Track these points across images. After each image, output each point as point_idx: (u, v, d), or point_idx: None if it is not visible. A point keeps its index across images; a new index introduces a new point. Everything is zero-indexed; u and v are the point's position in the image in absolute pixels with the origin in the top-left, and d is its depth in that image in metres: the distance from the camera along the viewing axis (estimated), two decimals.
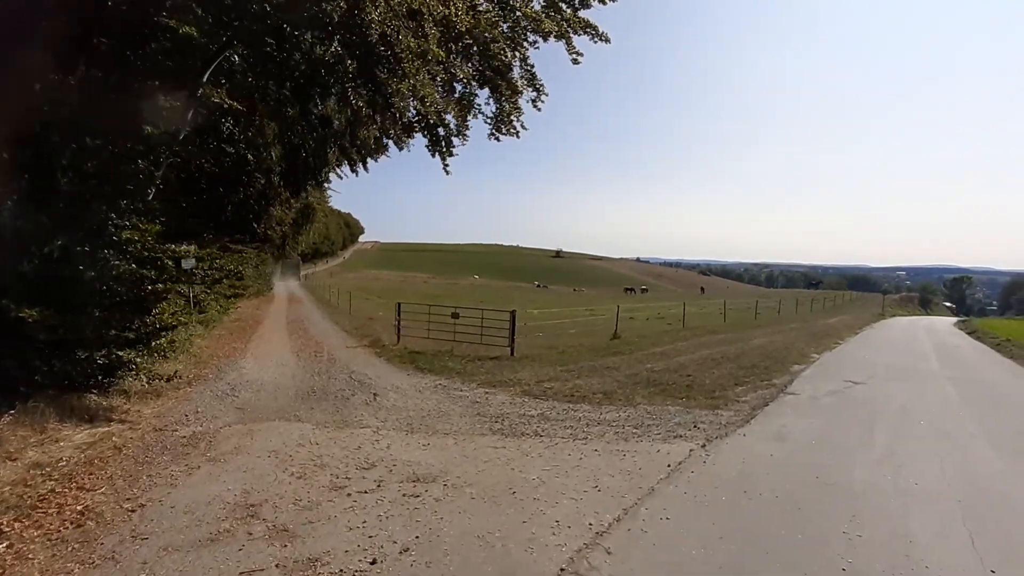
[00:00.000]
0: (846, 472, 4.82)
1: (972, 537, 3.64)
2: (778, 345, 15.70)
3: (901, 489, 4.48)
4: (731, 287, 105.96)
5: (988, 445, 6.07)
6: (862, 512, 3.94)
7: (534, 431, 5.83)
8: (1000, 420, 7.54)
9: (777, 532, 3.48)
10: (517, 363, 10.99)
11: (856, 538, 3.50)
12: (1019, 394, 9.99)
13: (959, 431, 6.65)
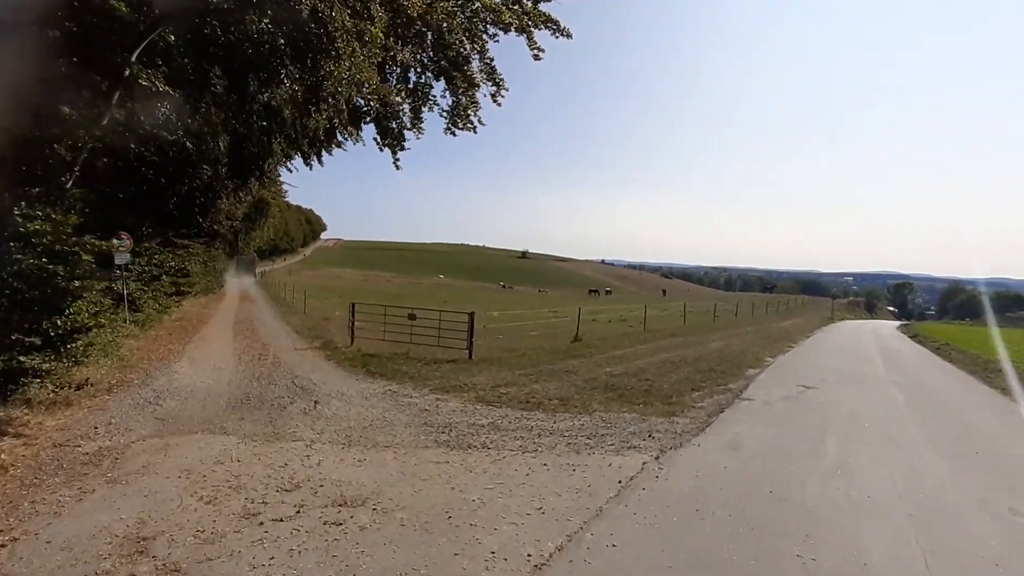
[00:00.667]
0: (799, 485, 4.68)
1: (925, 557, 3.52)
2: (735, 348, 15.89)
3: (854, 503, 4.36)
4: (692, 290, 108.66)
5: (933, 452, 6.10)
6: (816, 531, 3.77)
7: (482, 443, 5.48)
8: (942, 424, 7.69)
9: (729, 557, 3.26)
10: (475, 366, 10.63)
11: (810, 562, 3.31)
12: (958, 398, 10.30)
13: (905, 437, 6.70)
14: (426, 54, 7.72)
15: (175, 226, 19.71)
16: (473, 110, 8.19)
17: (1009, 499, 4.73)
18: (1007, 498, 4.76)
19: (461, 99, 7.97)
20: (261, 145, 10.16)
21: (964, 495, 4.78)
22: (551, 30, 8.21)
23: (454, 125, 8.23)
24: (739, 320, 31.77)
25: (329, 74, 5.38)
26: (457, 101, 7.97)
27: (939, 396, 10.34)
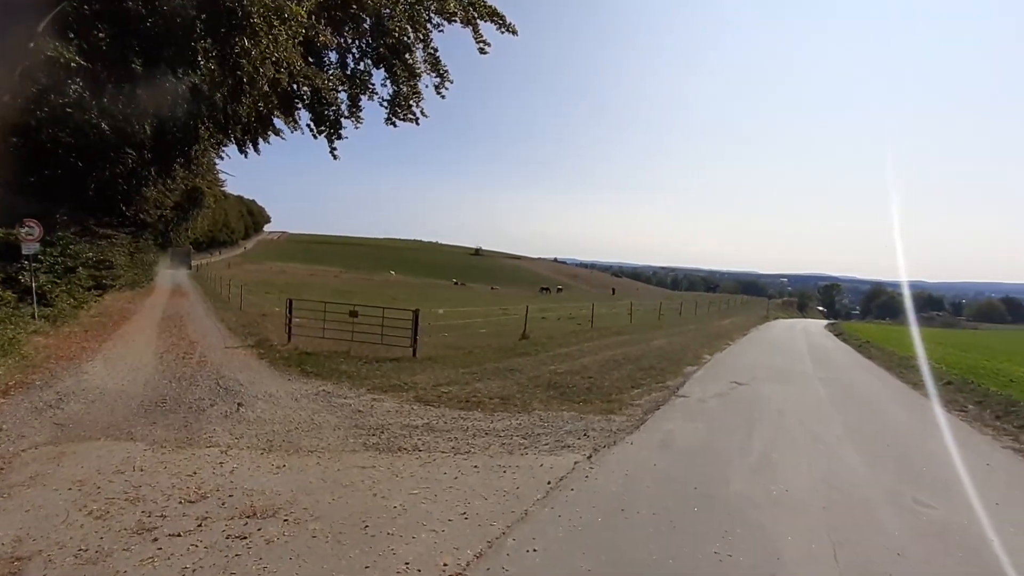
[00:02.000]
0: (724, 482, 4.79)
1: (835, 549, 3.65)
2: (676, 346, 16.35)
3: (773, 499, 4.50)
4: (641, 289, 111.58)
5: (851, 446, 6.43)
6: (735, 527, 3.84)
7: (414, 445, 5.31)
8: (860, 419, 8.14)
9: (648, 558, 3.25)
10: (418, 365, 10.39)
11: (727, 559, 3.36)
12: (875, 393, 11.00)
13: (827, 433, 7.03)
14: (364, 40, 7.41)
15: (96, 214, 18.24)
16: (415, 101, 7.96)
17: (915, 490, 5.02)
18: (913, 489, 5.05)
19: (402, 89, 7.71)
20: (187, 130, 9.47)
21: (875, 487, 5.03)
22: (496, 24, 8.09)
23: (394, 115, 7.96)
24: (683, 319, 32.85)
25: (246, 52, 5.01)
26: (398, 90, 7.71)
27: (858, 391, 11.00)
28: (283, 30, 4.97)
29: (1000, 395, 9.90)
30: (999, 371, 13.02)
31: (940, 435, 7.63)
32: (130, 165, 15.48)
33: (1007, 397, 9.68)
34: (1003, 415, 8.79)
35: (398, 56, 7.41)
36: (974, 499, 4.94)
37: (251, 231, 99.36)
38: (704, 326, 27.88)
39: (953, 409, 9.48)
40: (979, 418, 8.76)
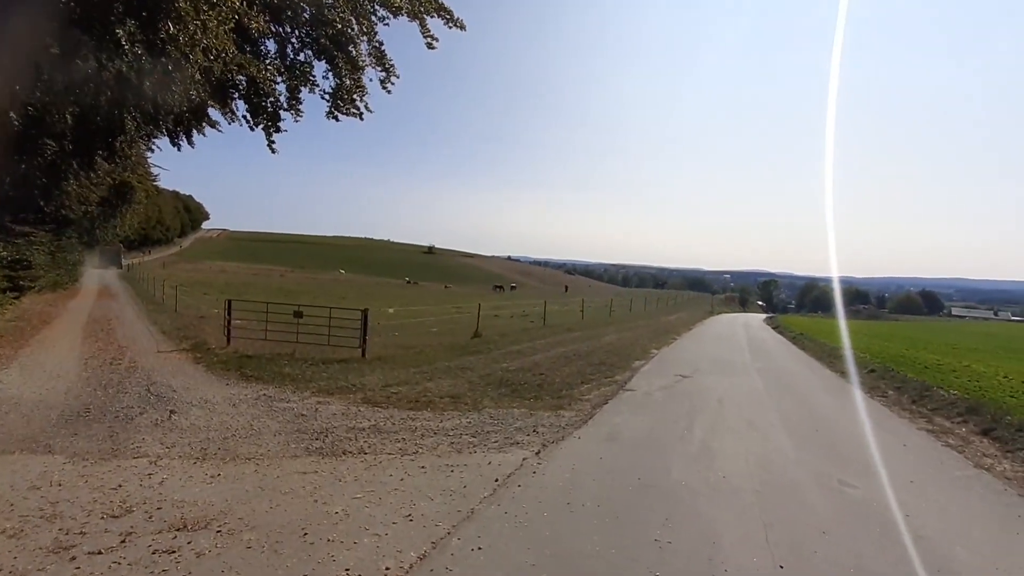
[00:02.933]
0: (665, 472, 4.96)
1: (766, 530, 3.85)
2: (625, 342, 16.77)
3: (711, 485, 4.70)
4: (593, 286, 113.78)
5: (783, 432, 6.80)
6: (675, 514, 3.99)
7: (359, 448, 5.19)
8: (792, 406, 8.63)
9: (593, 549, 3.32)
10: (367, 366, 10.16)
11: (667, 545, 3.48)
12: (806, 381, 11.69)
13: (762, 421, 7.41)
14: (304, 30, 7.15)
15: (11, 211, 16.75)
16: (359, 95, 7.74)
17: (839, 472, 5.36)
18: (838, 471, 5.40)
19: (345, 82, 7.48)
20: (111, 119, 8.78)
21: (803, 470, 5.35)
22: (444, 19, 7.99)
23: (337, 109, 7.71)
24: (633, 315, 33.73)
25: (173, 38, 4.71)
26: (341, 83, 7.47)
27: (791, 380, 11.65)
28: (212, 15, 4.70)
29: (916, 381, 10.74)
30: (916, 359, 14.12)
31: (863, 419, 8.20)
32: (49, 157, 14.29)
33: (922, 383, 10.51)
34: (918, 399, 9.54)
35: (340, 48, 7.18)
36: (892, 478, 5.34)
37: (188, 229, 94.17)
38: (653, 321, 28.75)
39: (875, 395, 10.21)
40: (898, 402, 9.47)
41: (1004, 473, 5.75)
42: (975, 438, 7.17)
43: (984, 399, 8.71)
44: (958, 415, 8.22)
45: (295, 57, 7.30)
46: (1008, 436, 6.96)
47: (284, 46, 7.30)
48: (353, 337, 11.54)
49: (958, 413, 8.30)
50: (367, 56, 8.15)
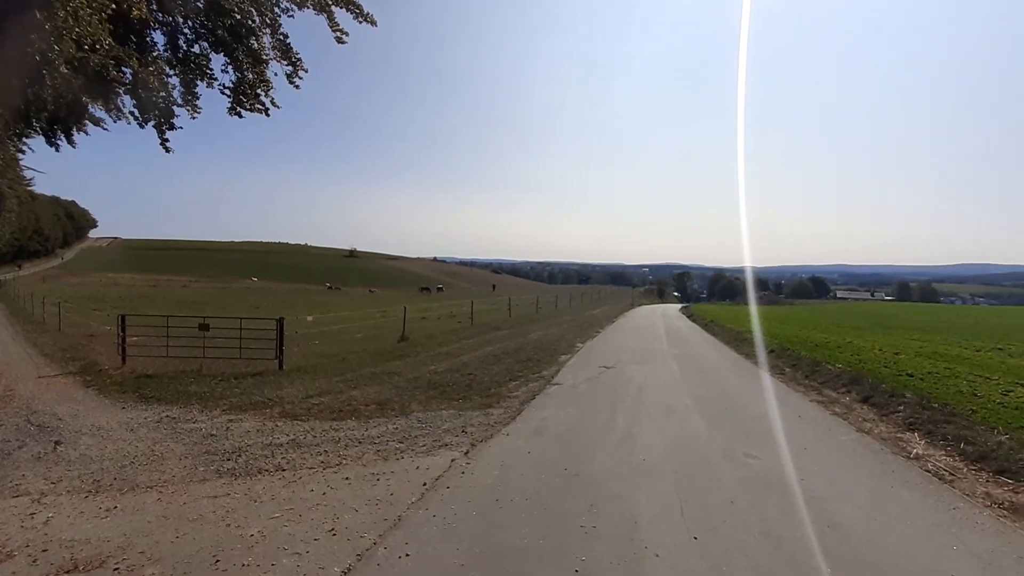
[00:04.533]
0: (590, 460, 5.13)
1: (682, 507, 4.09)
2: (552, 337, 17.15)
3: (633, 469, 4.92)
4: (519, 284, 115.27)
5: (697, 415, 7.27)
6: (599, 500, 4.14)
7: (277, 465, 4.90)
8: (705, 389, 9.25)
9: (521, 542, 3.37)
10: (285, 378, 9.63)
11: (592, 530, 3.60)
12: (716, 365, 12.57)
13: (678, 404, 7.88)
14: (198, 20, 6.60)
15: None
16: (264, 89, 7.27)
17: (745, 446, 5.82)
18: (744, 445, 5.85)
19: (247, 76, 7.00)
20: None
21: (714, 447, 5.75)
22: (353, 13, 7.71)
23: (239, 105, 7.19)
24: (559, 310, 34.54)
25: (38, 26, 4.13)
26: (242, 78, 6.98)
27: (704, 365, 12.47)
28: (85, 2, 4.16)
29: (808, 358, 11.89)
30: (808, 338, 15.63)
31: (764, 395, 8.96)
32: None
33: (813, 359, 11.65)
34: (810, 374, 10.56)
35: (240, 40, 6.70)
36: (789, 447, 5.88)
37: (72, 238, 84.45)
38: (578, 316, 29.62)
39: (775, 373, 11.18)
40: (794, 378, 10.44)
41: (880, 435, 6.52)
42: (857, 405, 8.07)
43: (864, 370, 9.82)
44: (843, 386, 9.21)
45: (189, 49, 6.71)
46: (883, 402, 7.89)
47: (175, 37, 6.69)
48: (268, 348, 10.90)
49: (843, 384, 9.30)
50: (271, 49, 7.69)
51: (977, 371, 9.64)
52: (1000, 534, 3.83)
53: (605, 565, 3.13)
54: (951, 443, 5.90)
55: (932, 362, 10.80)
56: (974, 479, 4.97)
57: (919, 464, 5.39)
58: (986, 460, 5.31)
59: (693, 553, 3.35)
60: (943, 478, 4.99)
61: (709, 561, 3.25)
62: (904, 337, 17.06)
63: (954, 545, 3.61)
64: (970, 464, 5.34)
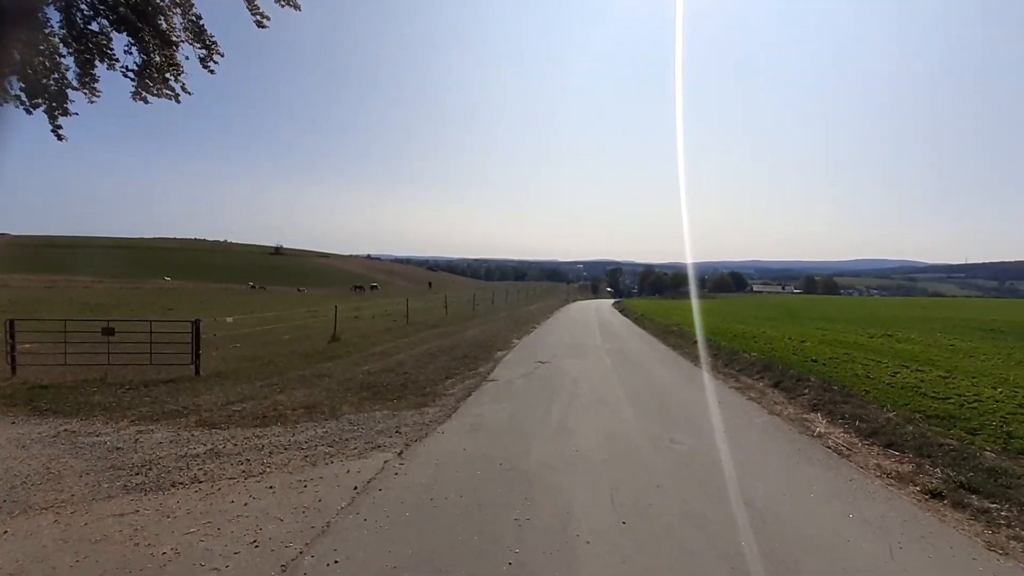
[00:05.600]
0: (525, 454, 5.20)
1: (612, 494, 4.24)
2: (488, 334, 17.20)
3: (566, 461, 5.04)
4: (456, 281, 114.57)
5: (628, 405, 7.56)
6: (533, 492, 4.20)
7: (192, 477, 4.57)
8: (635, 380, 9.63)
9: (456, 540, 3.35)
10: (202, 384, 9.01)
11: (525, 523, 3.65)
12: (647, 357, 13.12)
13: (610, 396, 8.15)
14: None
15: None
16: (173, 73, 6.71)
17: (671, 433, 6.12)
18: (670, 432, 6.16)
19: (154, 58, 6.43)
20: None
21: (643, 435, 6.00)
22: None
23: (145, 89, 6.59)
24: (496, 307, 34.69)
25: None
26: (148, 60, 6.40)
27: (634, 357, 12.99)
28: None
29: (728, 348, 12.69)
30: (728, 329, 16.68)
31: (689, 384, 9.48)
32: None
33: (732, 349, 12.45)
34: (729, 363, 11.28)
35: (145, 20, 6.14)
36: (710, 431, 6.26)
37: None
38: (514, 312, 29.88)
39: (698, 363, 11.84)
40: (715, 367, 11.10)
41: (789, 416, 7.08)
42: (769, 390, 8.72)
43: (775, 358, 10.63)
44: (757, 373, 9.91)
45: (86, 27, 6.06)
46: (791, 386, 8.58)
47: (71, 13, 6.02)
48: (183, 353, 10.15)
49: (757, 371, 10.01)
50: (182, 30, 7.13)
51: (870, 356, 10.71)
52: (888, 500, 4.28)
53: (538, 556, 3.18)
54: (848, 421, 6.52)
55: (833, 348, 11.87)
56: (867, 452, 5.52)
57: (821, 441, 5.91)
58: (877, 435, 5.91)
59: (622, 537, 3.48)
60: (841, 453, 5.50)
61: (637, 544, 3.39)
62: (810, 326, 18.63)
63: (850, 513, 3.99)
64: (864, 439, 5.92)
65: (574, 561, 3.14)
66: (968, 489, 4.40)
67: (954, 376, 8.37)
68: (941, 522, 3.89)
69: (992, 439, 5.34)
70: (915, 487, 4.56)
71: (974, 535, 3.68)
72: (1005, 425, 5.68)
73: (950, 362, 9.83)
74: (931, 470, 4.88)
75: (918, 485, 4.58)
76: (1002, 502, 4.15)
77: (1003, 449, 5.10)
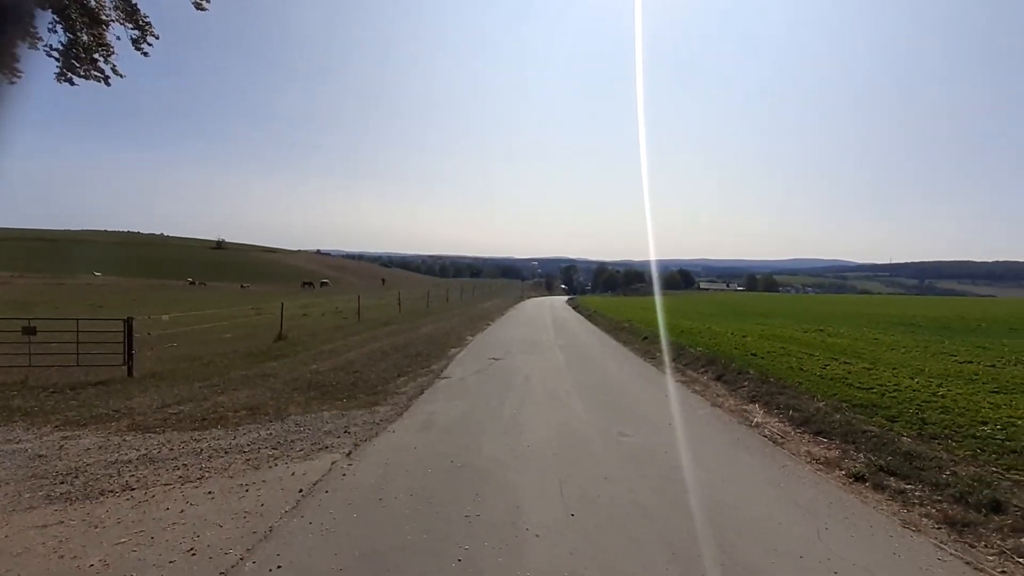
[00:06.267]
0: (477, 450, 5.21)
1: (561, 486, 4.33)
2: (442, 331, 17.09)
3: (517, 456, 5.09)
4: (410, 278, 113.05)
5: (579, 400, 7.70)
6: (484, 488, 4.22)
7: (124, 484, 4.31)
8: (586, 375, 9.83)
9: (405, 540, 3.33)
10: (136, 386, 8.52)
11: (476, 518, 3.66)
12: (598, 352, 13.41)
13: (561, 391, 8.29)
14: None
15: None
16: (103, 54, 6.27)
17: (620, 425, 6.30)
18: (619, 425, 6.33)
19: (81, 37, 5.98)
20: None
21: (593, 429, 6.14)
22: None
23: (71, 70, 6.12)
24: (450, 304, 34.48)
25: None
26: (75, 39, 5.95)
27: (587, 353, 13.24)
28: None
29: (675, 343, 13.14)
30: (676, 325, 17.27)
31: (638, 379, 9.76)
32: None
33: (679, 344, 12.91)
34: (676, 357, 11.69)
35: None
36: (657, 423, 6.48)
37: None
38: (469, 309, 29.81)
39: (647, 358, 12.22)
40: (663, 361, 11.48)
41: (730, 408, 7.43)
42: (712, 383, 9.11)
43: (718, 352, 11.10)
44: (702, 367, 10.33)
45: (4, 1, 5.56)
46: (732, 379, 8.99)
47: None
48: (115, 353, 9.57)
49: (702, 365, 10.43)
50: (112, 9, 6.67)
51: (804, 349, 11.38)
52: (816, 485, 4.57)
53: (487, 551, 3.21)
54: (783, 411, 6.91)
55: (771, 343, 12.53)
56: (799, 440, 5.88)
57: (758, 431, 6.25)
58: (808, 424, 6.29)
59: (570, 529, 3.55)
60: (776, 441, 5.83)
61: (584, 535, 3.48)
62: (751, 322, 19.58)
63: (783, 497, 4.25)
64: (796, 428, 6.30)
65: (523, 555, 3.18)
66: (887, 472, 4.76)
67: (877, 367, 9.03)
68: (863, 503, 4.19)
69: (909, 425, 5.80)
70: (841, 471, 4.89)
71: (891, 514, 4.00)
72: (920, 412, 6.17)
73: (874, 355, 10.58)
74: (855, 455, 5.25)
75: (843, 469, 4.92)
76: (916, 483, 4.51)
77: (918, 434, 5.55)
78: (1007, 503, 3.96)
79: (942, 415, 6.00)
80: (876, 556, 3.31)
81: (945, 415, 5.99)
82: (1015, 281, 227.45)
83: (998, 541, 3.53)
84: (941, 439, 5.33)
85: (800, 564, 3.19)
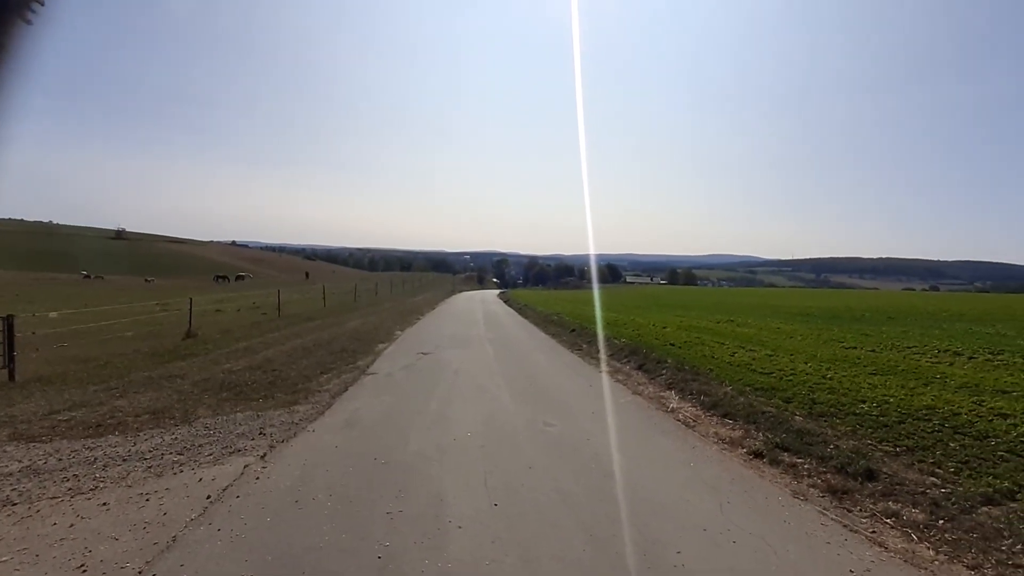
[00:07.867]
0: (402, 446, 5.15)
1: (486, 477, 4.38)
2: (370, 326, 16.64)
3: (443, 450, 5.09)
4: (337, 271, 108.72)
5: (507, 392, 7.81)
6: (408, 484, 4.19)
7: (5, 498, 3.85)
8: (516, 369, 9.97)
9: (322, 540, 3.23)
10: (18, 391, 7.63)
11: (397, 514, 3.63)
12: (528, 346, 13.63)
13: (490, 384, 8.36)
14: None
15: None
16: None
17: (545, 416, 6.46)
18: (544, 415, 6.49)
19: None
20: None
21: (519, 420, 6.26)
22: None
23: None
24: (379, 298, 33.60)
25: None
26: None
27: (516, 346, 13.42)
28: None
29: (602, 335, 13.63)
30: (603, 318, 17.91)
31: (564, 369, 10.04)
32: None
33: (606, 335, 13.40)
34: (602, 349, 12.13)
35: None
36: (580, 412, 6.71)
37: None
38: (398, 304, 29.21)
39: (574, 349, 12.58)
40: (589, 352, 11.88)
41: (649, 395, 7.84)
42: (634, 372, 9.56)
43: (640, 343, 11.66)
44: (625, 357, 10.81)
45: None
46: (652, 368, 9.48)
47: None
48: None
49: (625, 355, 10.91)
50: None
51: (716, 339, 12.21)
52: (721, 463, 4.95)
53: (408, 546, 3.19)
54: (695, 396, 7.40)
55: (688, 333, 13.33)
56: (708, 423, 6.32)
57: (673, 416, 6.65)
58: (717, 407, 6.78)
59: (493, 519, 3.61)
60: (688, 424, 6.24)
61: (507, 524, 3.55)
62: (670, 314, 20.72)
63: (692, 476, 4.56)
64: (707, 411, 6.76)
65: (444, 546, 3.20)
66: (782, 448, 5.23)
67: (778, 354, 9.88)
68: (760, 477, 4.59)
69: (801, 406, 6.41)
70: (743, 449, 5.32)
71: (784, 486, 4.41)
72: (811, 393, 6.84)
73: (775, 342, 11.57)
74: (755, 434, 5.72)
75: (745, 448, 5.35)
76: (806, 457, 5.01)
77: (808, 413, 6.15)
78: (879, 471, 4.50)
79: (829, 395, 6.68)
80: (769, 524, 3.64)
81: (831, 395, 6.68)
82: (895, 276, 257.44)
83: (871, 505, 4.00)
84: (827, 417, 5.94)
85: (704, 536, 3.45)
